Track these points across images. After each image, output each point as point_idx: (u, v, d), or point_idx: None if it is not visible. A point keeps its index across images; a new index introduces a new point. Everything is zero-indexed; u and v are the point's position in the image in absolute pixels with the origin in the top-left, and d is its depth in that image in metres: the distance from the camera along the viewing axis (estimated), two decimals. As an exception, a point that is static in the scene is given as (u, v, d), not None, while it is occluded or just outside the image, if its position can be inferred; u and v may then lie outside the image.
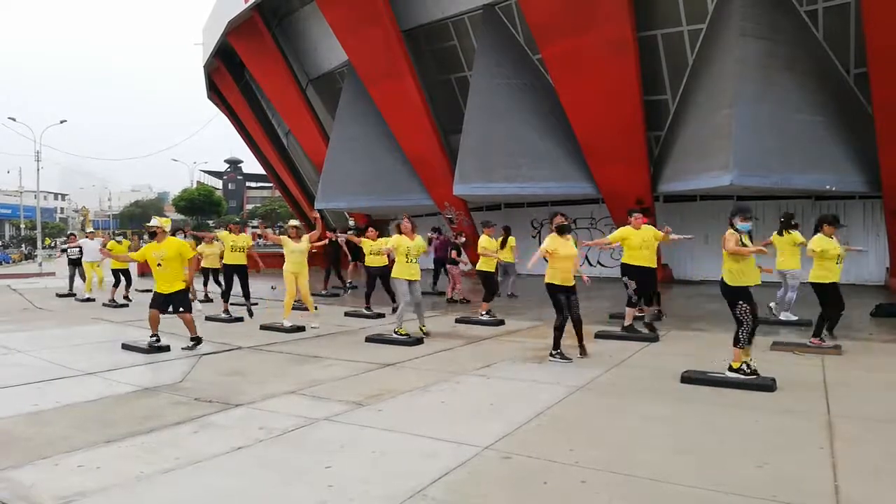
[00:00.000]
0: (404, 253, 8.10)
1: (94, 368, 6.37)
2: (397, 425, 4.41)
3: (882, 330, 8.27)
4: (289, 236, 9.30)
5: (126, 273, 13.43)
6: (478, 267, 10.11)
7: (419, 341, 7.70)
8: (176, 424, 4.48)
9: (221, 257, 12.06)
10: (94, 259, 14.13)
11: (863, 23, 11.60)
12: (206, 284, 13.40)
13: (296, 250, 9.15)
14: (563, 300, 6.64)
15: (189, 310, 7.60)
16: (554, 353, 6.54)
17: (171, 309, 7.47)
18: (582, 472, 3.49)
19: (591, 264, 17.97)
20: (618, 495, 3.21)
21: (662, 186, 15.15)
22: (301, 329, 8.85)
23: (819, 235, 7.16)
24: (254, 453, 3.89)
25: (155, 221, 7.72)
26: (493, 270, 10.11)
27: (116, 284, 13.19)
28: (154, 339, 7.43)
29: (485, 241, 10.22)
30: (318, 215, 10.01)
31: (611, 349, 7.16)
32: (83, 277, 14.51)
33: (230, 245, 10.60)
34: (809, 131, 13.05)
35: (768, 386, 5.23)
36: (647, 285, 7.97)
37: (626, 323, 7.99)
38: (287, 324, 8.87)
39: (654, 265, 8.08)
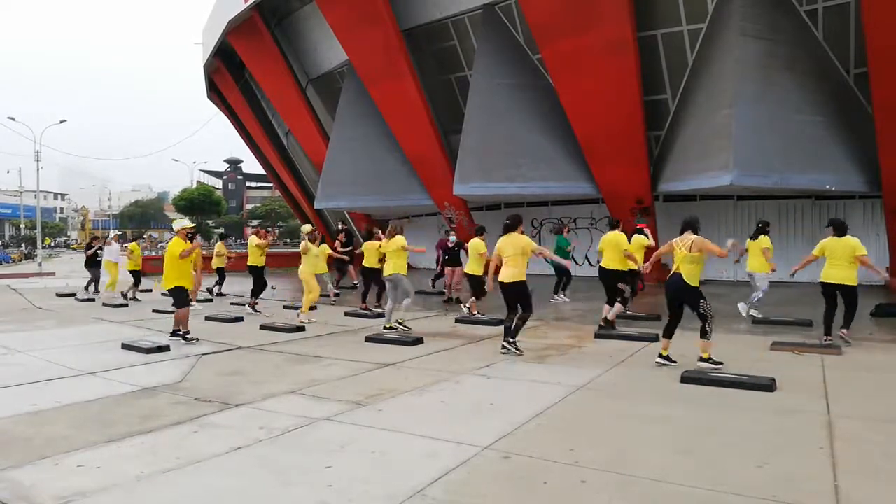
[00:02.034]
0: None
1: (93, 368, 6.37)
2: (397, 425, 4.41)
3: (882, 330, 8.27)
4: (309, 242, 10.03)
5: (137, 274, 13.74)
6: (467, 270, 10.19)
7: (419, 341, 7.71)
8: (176, 424, 4.48)
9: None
10: (116, 260, 14.18)
11: (863, 23, 11.60)
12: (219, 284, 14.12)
13: (317, 254, 10.03)
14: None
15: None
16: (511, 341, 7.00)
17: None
18: (582, 472, 3.49)
19: (590, 264, 17.95)
20: (618, 495, 3.21)
21: (662, 186, 15.15)
22: (301, 329, 8.87)
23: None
24: (254, 453, 3.89)
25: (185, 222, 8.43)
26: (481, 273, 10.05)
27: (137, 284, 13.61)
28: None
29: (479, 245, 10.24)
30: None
31: (611, 349, 7.16)
32: (97, 279, 14.68)
33: (258, 248, 11.18)
34: (809, 131, 13.05)
35: (768, 386, 5.24)
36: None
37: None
38: (305, 319, 9.55)
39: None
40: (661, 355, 6.31)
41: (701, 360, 6.09)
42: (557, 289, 12.32)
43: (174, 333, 7.94)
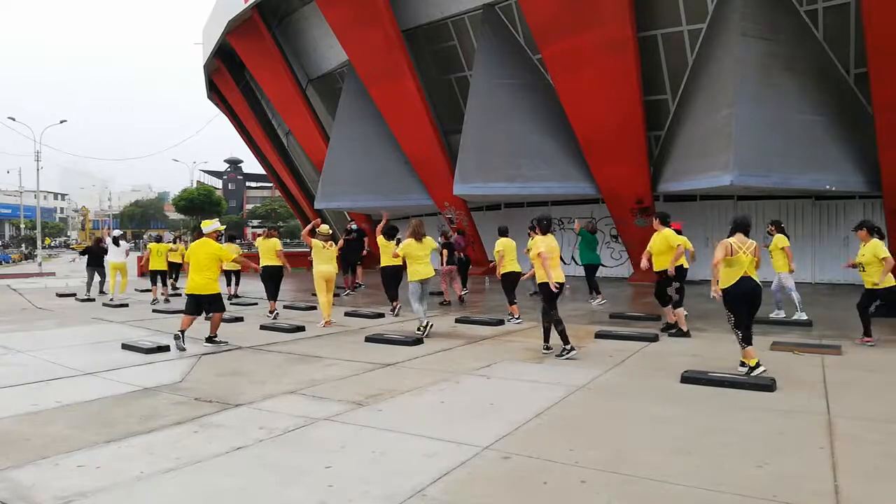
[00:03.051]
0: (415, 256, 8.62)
1: (94, 368, 6.37)
2: (397, 425, 4.41)
3: (882, 330, 8.26)
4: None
5: (164, 274, 13.70)
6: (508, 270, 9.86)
7: (419, 341, 7.70)
8: (176, 424, 4.48)
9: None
10: (120, 260, 14.10)
11: (863, 23, 11.60)
12: (228, 285, 13.91)
13: (327, 256, 9.62)
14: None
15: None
16: (567, 347, 6.70)
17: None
18: (582, 472, 3.49)
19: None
20: (618, 495, 3.21)
21: (662, 186, 15.15)
22: (301, 329, 8.86)
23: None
24: (254, 453, 3.89)
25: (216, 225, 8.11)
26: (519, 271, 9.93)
27: (155, 283, 13.44)
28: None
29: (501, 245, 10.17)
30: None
31: (611, 349, 7.16)
32: (102, 277, 14.66)
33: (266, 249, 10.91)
34: (809, 131, 13.06)
35: (768, 386, 5.24)
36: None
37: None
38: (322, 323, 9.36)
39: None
40: (759, 364, 5.59)
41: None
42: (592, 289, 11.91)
43: (211, 339, 7.75)
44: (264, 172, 34.39)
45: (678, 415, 4.63)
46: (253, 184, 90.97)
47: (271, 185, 49.17)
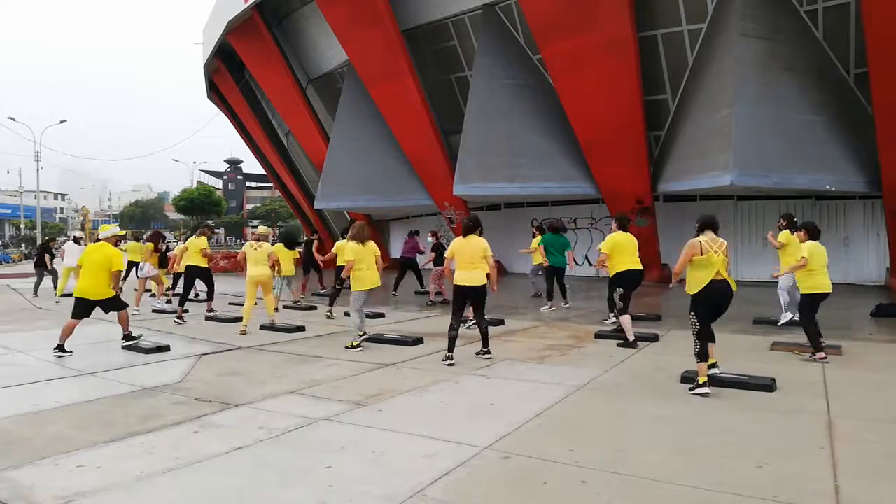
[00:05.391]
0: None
1: (93, 368, 6.37)
2: (397, 425, 4.41)
3: (882, 330, 8.27)
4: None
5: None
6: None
7: (419, 341, 7.71)
8: (176, 424, 4.48)
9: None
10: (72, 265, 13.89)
11: (863, 23, 11.60)
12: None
13: (257, 258, 9.08)
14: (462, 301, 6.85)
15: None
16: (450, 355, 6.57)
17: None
18: (582, 472, 3.49)
19: (590, 264, 17.98)
20: (618, 495, 3.21)
21: (662, 186, 15.16)
22: (301, 329, 8.86)
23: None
24: (254, 453, 3.89)
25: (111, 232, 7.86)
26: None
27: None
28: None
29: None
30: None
31: (610, 349, 7.16)
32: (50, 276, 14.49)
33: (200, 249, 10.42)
34: (809, 131, 13.06)
35: (768, 386, 5.24)
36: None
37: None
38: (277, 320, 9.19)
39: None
40: (706, 383, 5.13)
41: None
42: (564, 293, 11.31)
43: (127, 337, 7.69)
44: (264, 172, 34.40)
45: (678, 415, 4.63)
46: (253, 184, 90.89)
47: (271, 185, 49.13)
